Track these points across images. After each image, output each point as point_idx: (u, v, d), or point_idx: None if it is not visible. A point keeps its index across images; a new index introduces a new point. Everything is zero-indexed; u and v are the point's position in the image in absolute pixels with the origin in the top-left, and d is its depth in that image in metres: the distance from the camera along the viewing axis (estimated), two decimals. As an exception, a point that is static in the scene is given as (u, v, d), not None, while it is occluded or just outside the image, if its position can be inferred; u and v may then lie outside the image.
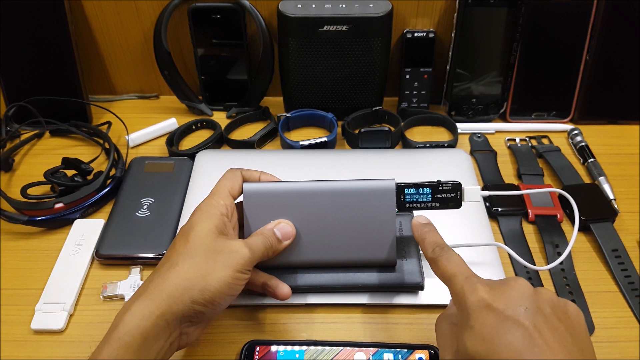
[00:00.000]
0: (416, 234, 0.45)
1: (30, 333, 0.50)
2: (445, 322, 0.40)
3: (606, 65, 0.70)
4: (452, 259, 0.40)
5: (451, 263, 0.39)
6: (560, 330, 0.34)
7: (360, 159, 0.64)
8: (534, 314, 0.34)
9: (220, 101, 0.77)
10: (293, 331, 0.50)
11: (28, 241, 0.58)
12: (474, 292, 0.36)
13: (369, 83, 0.71)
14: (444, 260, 0.40)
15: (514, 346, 0.33)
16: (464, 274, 0.38)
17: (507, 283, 0.36)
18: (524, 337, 0.33)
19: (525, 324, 0.33)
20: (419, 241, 0.44)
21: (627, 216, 0.61)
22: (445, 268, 0.39)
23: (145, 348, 0.37)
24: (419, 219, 0.46)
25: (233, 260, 0.42)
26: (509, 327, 0.33)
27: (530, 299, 0.35)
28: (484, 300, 0.35)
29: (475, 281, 0.37)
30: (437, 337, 0.40)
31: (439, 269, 0.40)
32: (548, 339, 0.33)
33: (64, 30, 0.68)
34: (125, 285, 0.53)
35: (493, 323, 0.34)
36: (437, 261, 0.40)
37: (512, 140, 0.72)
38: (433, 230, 0.44)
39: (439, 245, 0.42)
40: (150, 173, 0.64)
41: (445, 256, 0.40)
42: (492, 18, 0.67)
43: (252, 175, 0.49)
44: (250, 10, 0.69)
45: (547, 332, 0.33)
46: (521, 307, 0.34)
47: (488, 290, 0.36)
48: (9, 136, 0.70)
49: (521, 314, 0.34)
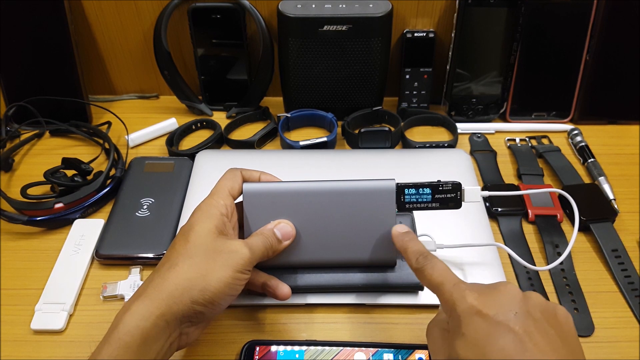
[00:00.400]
0: (397, 244, 0.45)
1: (30, 333, 0.50)
2: (437, 327, 0.40)
3: (606, 65, 0.70)
4: (437, 267, 0.40)
5: (436, 271, 0.39)
6: (551, 334, 0.34)
7: (360, 159, 0.64)
8: (524, 318, 0.34)
9: (220, 101, 0.77)
10: (293, 331, 0.50)
11: (28, 241, 0.58)
12: (463, 300, 0.36)
13: (369, 83, 0.71)
14: (429, 269, 0.40)
15: (506, 351, 0.33)
16: (451, 282, 0.38)
17: (496, 288, 0.36)
18: (515, 342, 0.33)
19: (515, 329, 0.33)
20: (402, 251, 0.44)
21: (627, 216, 0.61)
22: (431, 277, 0.39)
23: (145, 348, 0.37)
24: (398, 228, 0.46)
25: (233, 260, 0.42)
26: (500, 333, 0.33)
27: (520, 304, 0.35)
28: (473, 307, 0.35)
29: (463, 288, 0.37)
30: (428, 343, 0.40)
31: (425, 279, 0.40)
32: (539, 343, 0.33)
33: (64, 30, 0.68)
34: (125, 285, 0.53)
35: (484, 329, 0.34)
36: (423, 270, 0.40)
37: (512, 141, 0.72)
38: (414, 239, 0.44)
39: (422, 254, 0.41)
40: (150, 173, 0.64)
41: (430, 265, 0.40)
42: (492, 18, 0.67)
43: (252, 175, 0.49)
44: (250, 10, 0.69)
45: (538, 336, 0.33)
46: (511, 312, 0.34)
47: (477, 297, 0.36)
48: (8, 136, 0.70)
49: (511, 319, 0.34)
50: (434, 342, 0.39)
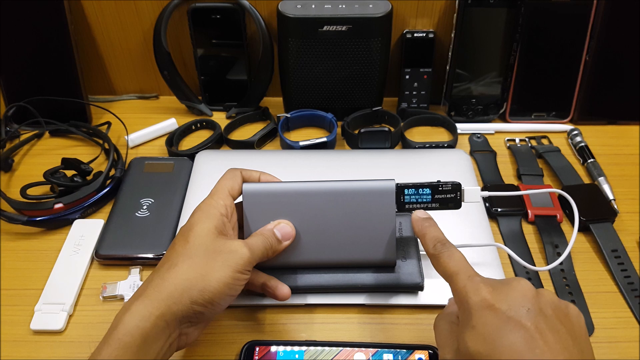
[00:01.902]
0: (416, 228, 0.44)
1: (30, 333, 0.50)
2: (444, 320, 0.40)
3: (606, 65, 0.70)
4: (454, 256, 0.39)
5: (453, 260, 0.39)
6: (561, 332, 0.34)
7: (360, 160, 0.64)
8: (536, 315, 0.34)
9: (220, 101, 0.77)
10: (293, 331, 0.49)
11: (28, 241, 0.58)
12: (476, 292, 0.36)
13: (369, 83, 0.71)
14: (446, 257, 0.39)
15: (515, 347, 0.33)
16: (466, 273, 0.37)
17: (509, 283, 0.36)
18: (525, 338, 0.33)
19: (526, 325, 0.33)
20: (420, 236, 0.43)
21: (626, 216, 0.61)
22: (447, 265, 0.39)
23: (145, 348, 0.37)
24: (419, 214, 0.45)
25: (232, 260, 0.42)
26: (511, 328, 0.33)
27: (532, 301, 0.35)
28: (486, 301, 0.35)
29: (478, 281, 0.36)
30: (436, 336, 0.40)
31: (440, 266, 0.39)
32: (549, 341, 0.33)
33: (63, 31, 0.68)
34: (125, 285, 0.53)
35: (495, 323, 0.34)
36: (439, 258, 0.40)
37: (512, 141, 0.72)
38: (434, 225, 0.43)
39: (440, 241, 0.41)
40: (150, 173, 0.64)
41: (447, 253, 0.39)
42: (491, 18, 0.67)
43: (252, 175, 0.49)
44: (250, 11, 0.69)
45: (548, 334, 0.33)
46: (523, 309, 0.34)
47: (491, 291, 0.36)
48: (8, 136, 0.70)
49: (523, 315, 0.34)
50: (442, 335, 0.39)
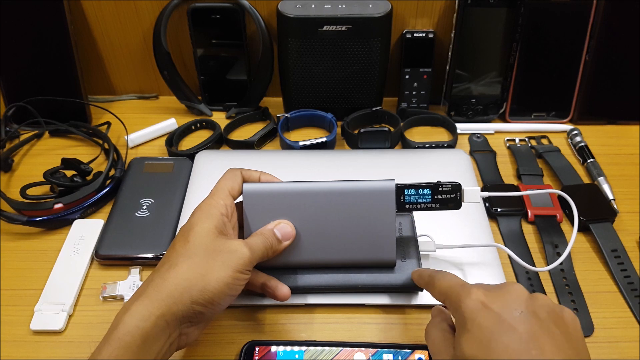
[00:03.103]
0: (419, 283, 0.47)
1: (30, 333, 0.50)
2: (436, 329, 0.40)
3: (606, 65, 0.70)
4: (447, 276, 0.41)
5: (446, 277, 0.41)
6: (556, 335, 0.34)
7: (359, 160, 0.64)
8: (530, 318, 0.34)
9: (219, 101, 0.77)
10: (293, 331, 0.49)
11: (27, 241, 0.58)
12: (469, 295, 0.36)
13: (369, 83, 0.71)
14: (440, 278, 0.41)
15: (510, 349, 0.33)
16: (458, 283, 0.39)
17: (502, 287, 0.37)
18: (519, 340, 0.33)
19: (519, 328, 0.33)
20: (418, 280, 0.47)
21: (626, 216, 0.61)
22: (441, 283, 0.41)
23: (145, 348, 0.37)
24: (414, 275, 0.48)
25: (233, 260, 0.42)
26: (505, 330, 0.34)
27: (526, 304, 0.35)
28: (480, 301, 0.35)
29: (470, 286, 0.38)
30: (428, 344, 0.40)
31: (435, 289, 0.42)
32: (544, 344, 0.33)
33: (63, 31, 0.68)
34: (125, 285, 0.53)
35: (489, 326, 0.34)
36: (433, 282, 0.42)
37: (512, 141, 0.72)
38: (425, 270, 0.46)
39: (433, 271, 0.44)
40: (150, 173, 0.64)
41: (440, 275, 0.42)
42: (491, 18, 0.67)
43: (252, 175, 0.49)
44: (250, 11, 0.69)
45: (543, 337, 0.33)
46: (516, 311, 0.34)
47: (484, 292, 0.36)
48: (8, 136, 0.70)
49: (516, 317, 0.34)
50: (435, 343, 0.39)
